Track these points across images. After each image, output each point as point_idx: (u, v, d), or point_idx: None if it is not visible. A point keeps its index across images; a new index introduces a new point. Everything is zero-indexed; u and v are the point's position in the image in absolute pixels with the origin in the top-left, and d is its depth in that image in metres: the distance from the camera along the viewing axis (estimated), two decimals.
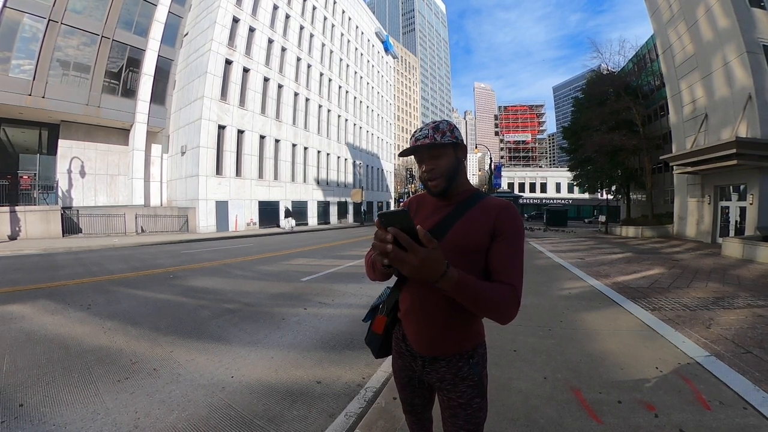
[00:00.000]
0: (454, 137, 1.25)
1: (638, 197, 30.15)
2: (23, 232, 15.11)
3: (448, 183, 1.26)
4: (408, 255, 0.95)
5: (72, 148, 20.56)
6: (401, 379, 1.45)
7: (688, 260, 10.74)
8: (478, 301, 1.07)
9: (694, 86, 17.66)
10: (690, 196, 18.73)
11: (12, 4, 16.39)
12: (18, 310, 5.08)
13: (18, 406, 2.70)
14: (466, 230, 1.21)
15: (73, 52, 19.02)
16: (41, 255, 11.13)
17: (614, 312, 5.20)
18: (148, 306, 5.53)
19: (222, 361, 3.60)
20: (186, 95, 24.55)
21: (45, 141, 20.27)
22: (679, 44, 18.44)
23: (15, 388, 2.96)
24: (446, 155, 1.26)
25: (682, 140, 18.78)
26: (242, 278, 8.11)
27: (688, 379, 3.05)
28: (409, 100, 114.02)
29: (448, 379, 1.29)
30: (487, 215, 1.22)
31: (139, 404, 2.75)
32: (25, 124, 19.35)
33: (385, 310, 1.41)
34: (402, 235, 0.95)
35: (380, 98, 50.67)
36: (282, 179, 29.21)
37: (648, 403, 2.65)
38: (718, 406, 2.63)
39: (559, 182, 62.93)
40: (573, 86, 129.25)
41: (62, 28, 18.16)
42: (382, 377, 3.23)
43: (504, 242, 1.19)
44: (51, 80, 18.05)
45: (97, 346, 3.90)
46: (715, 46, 15.73)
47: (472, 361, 1.29)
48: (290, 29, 30.66)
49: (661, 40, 20.31)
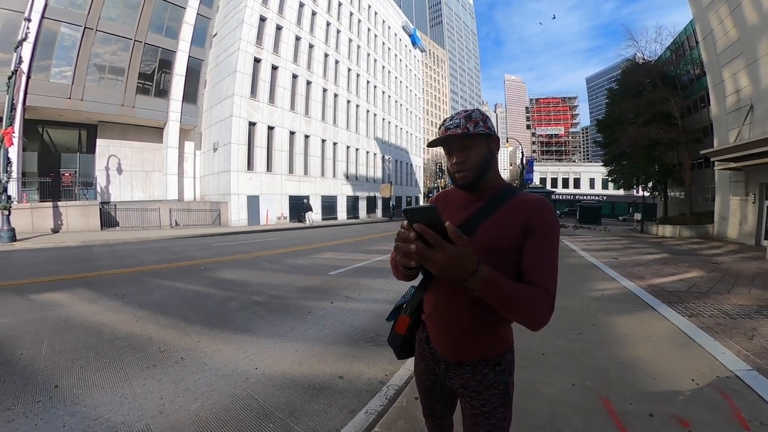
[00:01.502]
0: (487, 128, 1.17)
1: (676, 195, 28.75)
2: (65, 225, 15.97)
3: (478, 176, 1.18)
4: (435, 253, 0.88)
5: (109, 147, 21.67)
6: (423, 383, 1.39)
7: (729, 263, 10.07)
8: (509, 303, 0.99)
9: (737, 75, 16.43)
10: (732, 194, 17.55)
11: (50, 14, 17.50)
12: (58, 298, 5.35)
13: (53, 387, 2.85)
14: (497, 227, 1.13)
15: (108, 57, 20.06)
16: (80, 247, 11.70)
17: (648, 316, 4.93)
18: (178, 296, 5.71)
19: (247, 352, 3.66)
20: (217, 94, 25.20)
21: (84, 140, 21.50)
22: (721, 29, 17.18)
23: (52, 370, 3.13)
24: (478, 146, 1.18)
25: (725, 133, 17.56)
26: (270, 271, 8.25)
27: (726, 394, 2.80)
28: (438, 93, 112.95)
29: (473, 385, 1.21)
30: (519, 211, 1.13)
31: (165, 391, 2.84)
32: (65, 126, 20.58)
33: (409, 310, 1.34)
34: (429, 231, 0.88)
35: (409, 92, 50.34)
36: (312, 174, 29.64)
37: (681, 419, 2.45)
38: (758, 426, 2.39)
39: (593, 178, 60.96)
40: (607, 77, 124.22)
41: (97, 34, 19.23)
42: (405, 375, 3.19)
43: (538, 241, 1.10)
44: (88, 84, 19.11)
45: (129, 333, 4.06)
46: (760, 30, 14.54)
47: (499, 368, 1.21)
48: (317, 26, 30.89)
49: (701, 25, 19.02)
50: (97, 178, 20.86)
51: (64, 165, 20.55)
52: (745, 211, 16.68)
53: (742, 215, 16.87)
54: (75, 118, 20.22)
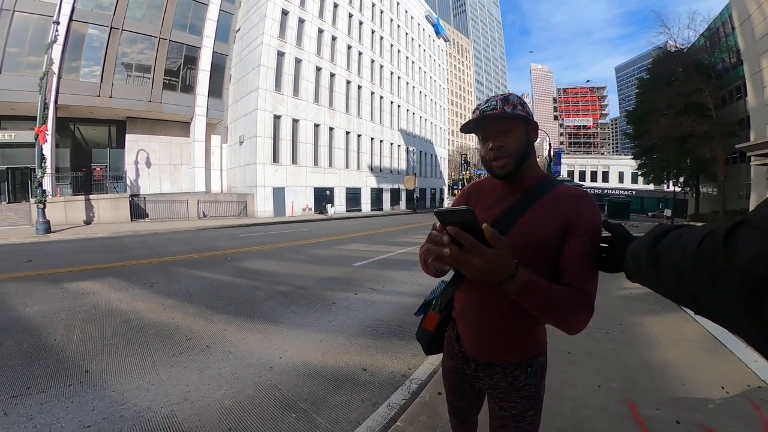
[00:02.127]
0: (525, 111, 1.08)
1: (709, 191, 27.46)
2: (96, 217, 16.66)
3: (517, 164, 1.08)
4: (471, 257, 0.80)
5: (138, 142, 22.50)
6: (450, 381, 1.34)
7: None
8: (547, 307, 0.93)
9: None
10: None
11: (77, 17, 18.23)
12: (89, 287, 5.55)
13: (84, 371, 2.97)
14: (534, 224, 1.05)
15: (134, 55, 20.76)
16: (111, 238, 12.15)
17: (677, 318, 4.68)
18: (205, 286, 5.83)
19: (272, 341, 3.70)
20: (241, 88, 25.57)
21: (114, 136, 22.40)
22: (760, 14, 16.13)
23: (83, 355, 3.26)
24: (517, 131, 1.08)
25: (763, 126, 16.62)
26: (296, 261, 8.34)
27: (757, 405, 2.63)
28: (463, 83, 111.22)
29: (502, 387, 1.16)
30: (560, 207, 1.05)
31: (191, 378, 2.89)
32: (95, 122, 21.47)
33: (438, 306, 1.25)
34: (464, 235, 0.79)
35: (433, 83, 49.68)
36: (336, 166, 29.79)
37: (709, 428, 2.32)
38: None
39: (622, 171, 58.94)
40: (637, 66, 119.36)
41: (123, 34, 19.92)
42: (428, 369, 3.16)
43: (579, 240, 1.02)
44: (116, 81, 19.85)
45: (157, 321, 4.16)
46: None
47: (530, 371, 1.16)
48: (339, 18, 30.81)
49: (738, 10, 17.92)
50: (127, 171, 21.71)
51: (95, 160, 21.57)
52: None
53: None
54: (104, 115, 21.06)
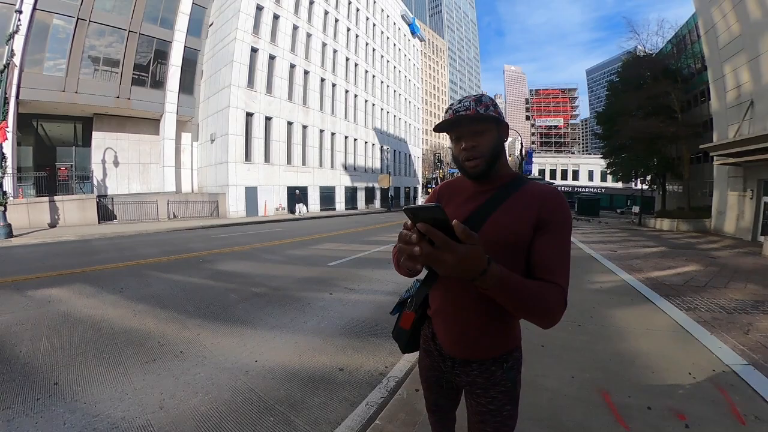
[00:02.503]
0: (497, 113, 1.11)
1: (674, 188, 28.70)
2: (62, 219, 15.87)
3: (489, 164, 1.11)
4: (443, 254, 0.79)
5: (105, 139, 21.43)
6: (428, 379, 1.37)
7: (726, 258, 10.12)
8: (521, 301, 0.94)
9: (739, 70, 16.32)
10: (730, 189, 17.50)
11: (42, 5, 17.16)
12: (56, 294, 5.31)
13: (53, 384, 2.83)
14: (506, 221, 1.08)
15: (102, 48, 19.77)
16: (78, 241, 11.64)
17: (647, 310, 4.96)
18: (177, 289, 5.70)
19: (247, 344, 3.66)
20: (214, 84, 24.95)
21: (80, 133, 21.24)
22: (724, 24, 17.03)
23: (51, 367, 3.11)
24: (489, 132, 1.11)
25: (725, 129, 17.46)
26: (270, 262, 8.25)
27: (722, 389, 2.84)
28: (437, 83, 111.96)
29: (480, 383, 1.19)
30: (531, 203, 1.08)
31: (165, 386, 2.83)
32: (60, 119, 20.28)
33: (414, 305, 1.29)
34: (435, 232, 0.79)
35: (407, 82, 49.91)
36: (310, 165, 29.48)
37: (679, 412, 2.48)
38: (753, 421, 2.41)
39: (591, 170, 60.91)
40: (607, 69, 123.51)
41: (91, 25, 18.89)
42: (405, 367, 3.21)
43: (550, 235, 1.05)
44: (83, 76, 18.84)
45: (128, 328, 4.04)
46: (763, 26, 14.42)
47: (506, 366, 1.18)
48: (314, 15, 30.50)
49: (704, 19, 18.84)
50: (94, 171, 20.68)
51: (60, 159, 20.35)
52: (742, 206, 16.69)
53: (739, 210, 16.88)
54: (70, 111, 19.95)
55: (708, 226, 19.28)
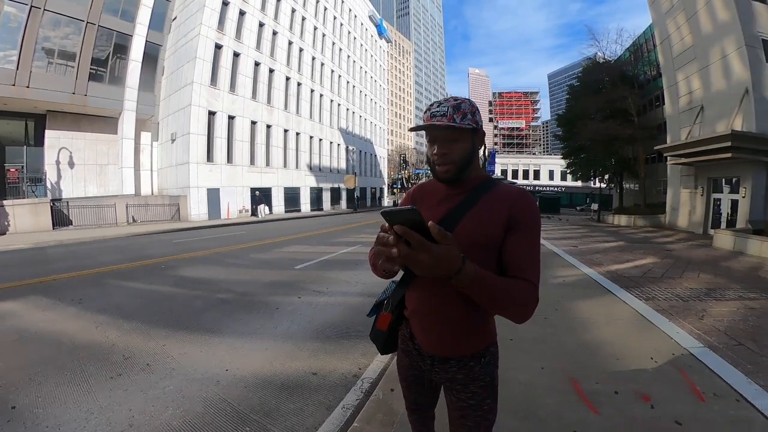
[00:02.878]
0: (474, 121, 1.14)
1: (631, 186, 30.33)
2: (12, 226, 14.75)
3: (459, 170, 1.15)
4: (420, 254, 0.83)
5: (60, 139, 19.96)
6: (407, 378, 1.39)
7: (680, 250, 10.83)
8: (495, 298, 0.98)
9: (691, 78, 17.54)
10: (683, 187, 18.77)
11: None
12: (9, 308, 4.94)
13: (11, 408, 2.61)
14: (479, 221, 1.11)
15: (58, 40, 18.34)
16: (31, 249, 10.91)
17: (609, 301, 5.25)
18: (140, 298, 5.47)
19: (216, 353, 3.57)
20: (175, 81, 23.98)
21: (31, 132, 19.63)
22: (678, 35, 18.25)
23: (7, 389, 2.87)
24: (463, 140, 1.13)
25: (677, 131, 18.71)
26: (235, 267, 8.06)
27: (682, 370, 3.08)
28: (403, 84, 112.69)
29: (459, 379, 1.22)
30: (501, 204, 1.12)
31: (134, 401, 2.71)
32: (9, 115, 18.68)
33: (390, 306, 1.30)
34: (411, 233, 0.83)
35: (373, 83, 49.90)
36: (274, 165, 28.85)
37: (644, 394, 2.67)
38: (712, 398, 2.65)
39: (552, 170, 63.07)
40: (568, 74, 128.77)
41: (45, 14, 17.45)
42: (378, 367, 3.23)
43: (520, 234, 1.09)
44: (35, 69, 17.38)
45: (90, 342, 3.83)
46: (713, 39, 15.61)
47: (484, 361, 1.23)
48: (281, 12, 29.93)
49: (660, 30, 20.07)
50: (47, 172, 19.22)
51: (10, 159, 18.70)
52: (694, 202, 17.91)
53: (691, 206, 18.09)
54: (21, 107, 18.42)
55: (663, 221, 20.49)
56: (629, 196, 30.21)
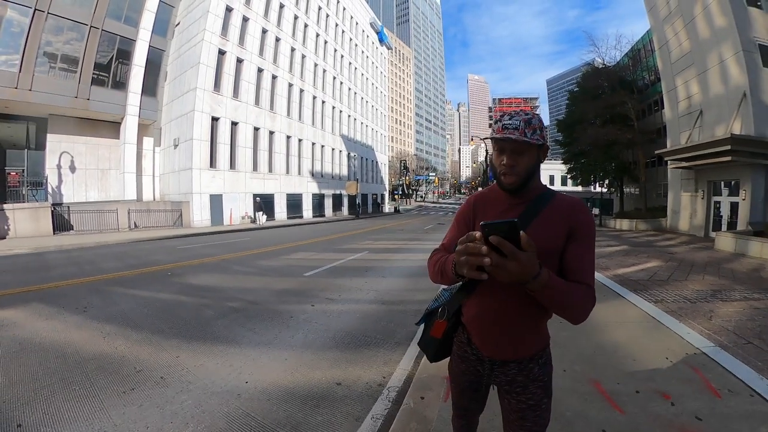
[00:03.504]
0: (542, 137, 1.20)
1: (631, 191, 30.36)
2: (12, 230, 14.61)
3: (524, 182, 1.21)
4: (510, 262, 0.92)
5: (61, 143, 19.90)
6: (461, 383, 1.43)
7: (683, 253, 10.87)
8: (562, 300, 1.07)
9: (689, 82, 17.70)
10: (683, 190, 18.86)
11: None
12: (9, 316, 4.74)
13: (16, 426, 2.42)
14: (543, 230, 1.18)
15: (60, 44, 18.32)
16: (32, 254, 10.79)
17: (619, 304, 5.33)
18: (147, 306, 5.34)
19: (233, 365, 3.46)
20: (178, 87, 23.98)
21: (33, 136, 19.51)
22: (676, 41, 18.44)
23: (11, 405, 2.67)
24: (530, 154, 1.19)
25: (677, 135, 18.87)
26: (243, 274, 7.95)
27: (696, 368, 3.17)
28: (403, 91, 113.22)
29: (519, 381, 1.28)
30: (561, 214, 1.21)
31: (150, 418, 2.55)
32: (11, 119, 18.55)
33: (446, 314, 1.36)
34: (506, 243, 0.91)
35: (375, 89, 50.08)
36: (276, 172, 28.83)
37: (664, 393, 2.76)
38: (727, 394, 2.73)
39: (552, 175, 63.02)
40: (567, 79, 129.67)
41: (49, 18, 17.46)
42: (402, 376, 3.18)
43: (579, 242, 1.18)
44: (38, 73, 17.36)
45: (97, 353, 3.66)
46: (711, 44, 15.79)
47: (542, 362, 1.30)
48: (284, 19, 30.09)
49: (658, 36, 20.27)
50: (48, 177, 19.13)
51: (10, 163, 18.51)
52: (695, 205, 17.96)
53: (692, 209, 18.15)
54: (22, 111, 18.31)
55: (664, 224, 20.56)
56: (630, 200, 30.22)
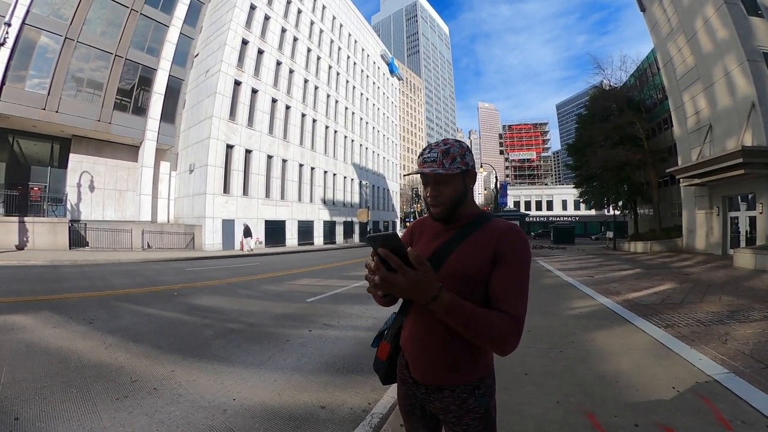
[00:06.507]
0: (464, 163, 1.18)
1: (645, 211, 29.89)
2: (31, 242, 15.21)
3: (450, 211, 1.20)
4: (397, 277, 0.93)
5: (82, 163, 20.87)
6: (405, 407, 1.37)
7: (700, 273, 10.52)
8: (472, 327, 1.01)
9: (696, 98, 17.57)
10: (698, 208, 18.42)
11: (31, 21, 17.07)
12: (20, 321, 5.06)
13: (13, 419, 2.63)
14: (467, 256, 1.15)
15: (87, 71, 19.61)
16: (47, 266, 11.15)
17: (626, 330, 5.05)
18: (150, 323, 5.48)
19: (224, 382, 3.51)
20: (195, 114, 24.96)
21: (56, 154, 20.61)
22: (680, 57, 18.47)
23: (12, 400, 2.89)
24: (453, 183, 1.18)
25: (688, 152, 18.60)
26: (247, 297, 8.04)
27: (706, 398, 2.91)
28: (414, 120, 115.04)
29: (453, 410, 1.21)
30: (489, 239, 1.14)
31: (138, 424, 2.66)
32: (37, 137, 19.70)
33: (389, 336, 1.35)
34: (392, 256, 0.92)
35: (386, 119, 51.17)
36: (288, 199, 29.32)
37: (666, 426, 2.52)
38: (740, 425, 2.49)
39: (565, 199, 62.66)
40: (575, 103, 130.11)
41: (78, 46, 18.80)
42: (388, 403, 3.13)
43: (505, 267, 1.11)
44: (65, 96, 18.53)
45: (98, 361, 3.83)
46: (715, 57, 15.73)
47: (478, 392, 1.21)
48: (298, 51, 31.30)
49: (662, 53, 20.36)
50: (68, 194, 19.93)
51: (34, 178, 19.48)
52: (710, 223, 17.49)
53: (708, 227, 17.65)
54: (48, 130, 19.45)
55: (680, 244, 19.99)
56: (644, 221, 29.70)
